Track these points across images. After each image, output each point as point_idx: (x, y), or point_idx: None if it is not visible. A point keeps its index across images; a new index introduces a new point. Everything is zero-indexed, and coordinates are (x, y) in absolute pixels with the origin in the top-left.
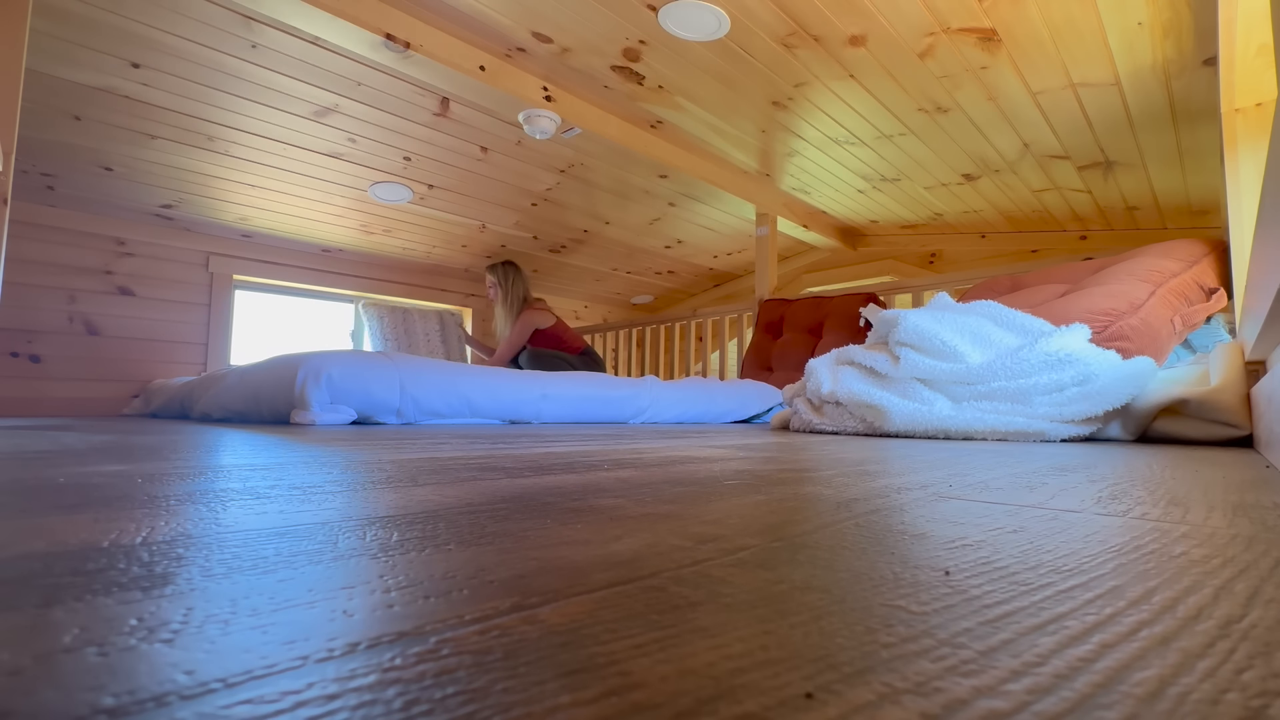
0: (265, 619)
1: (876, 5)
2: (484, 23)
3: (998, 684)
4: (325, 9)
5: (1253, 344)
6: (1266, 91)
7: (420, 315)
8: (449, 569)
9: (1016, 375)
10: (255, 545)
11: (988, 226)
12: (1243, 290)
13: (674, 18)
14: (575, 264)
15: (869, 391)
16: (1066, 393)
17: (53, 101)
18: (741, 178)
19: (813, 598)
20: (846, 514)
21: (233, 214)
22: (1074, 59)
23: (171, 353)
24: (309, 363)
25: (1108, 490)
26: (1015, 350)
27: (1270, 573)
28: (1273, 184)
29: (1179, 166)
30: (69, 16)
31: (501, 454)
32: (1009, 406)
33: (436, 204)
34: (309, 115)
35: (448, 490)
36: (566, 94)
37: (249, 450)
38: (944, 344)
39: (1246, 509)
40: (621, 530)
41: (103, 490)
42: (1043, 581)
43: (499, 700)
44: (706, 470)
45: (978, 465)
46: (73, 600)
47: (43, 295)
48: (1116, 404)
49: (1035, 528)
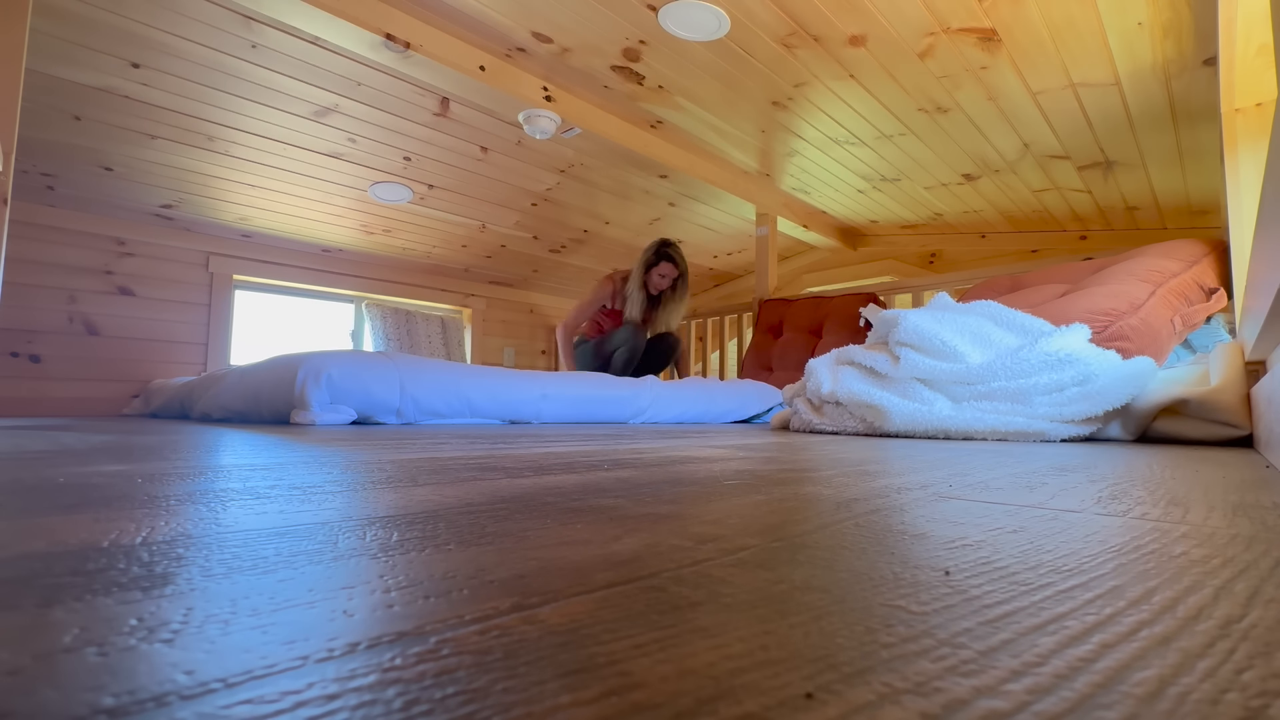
0: (265, 619)
1: (876, 5)
2: (484, 23)
3: (998, 684)
4: (325, 9)
5: (1253, 344)
6: (1266, 91)
7: (423, 318)
8: (449, 569)
9: (1017, 375)
10: (255, 545)
11: (988, 226)
12: (1243, 290)
13: (674, 18)
14: (575, 264)
15: (869, 391)
16: (1067, 393)
17: (53, 101)
18: (741, 178)
19: (813, 598)
20: (846, 514)
21: (233, 214)
22: (1074, 59)
23: (171, 353)
24: (309, 363)
25: (1108, 490)
26: (1015, 350)
27: (1270, 573)
28: (1273, 184)
29: (1179, 166)
30: (69, 16)
31: (501, 454)
32: (1009, 406)
33: (436, 204)
34: (309, 115)
35: (448, 490)
36: (566, 94)
37: (249, 450)
38: (944, 344)
39: (1246, 509)
40: (621, 530)
41: (103, 490)
42: (1043, 581)
43: (499, 700)
44: (706, 470)
45: (978, 465)
46: (73, 600)
47: (43, 295)
48: (1117, 404)
49: (1035, 528)
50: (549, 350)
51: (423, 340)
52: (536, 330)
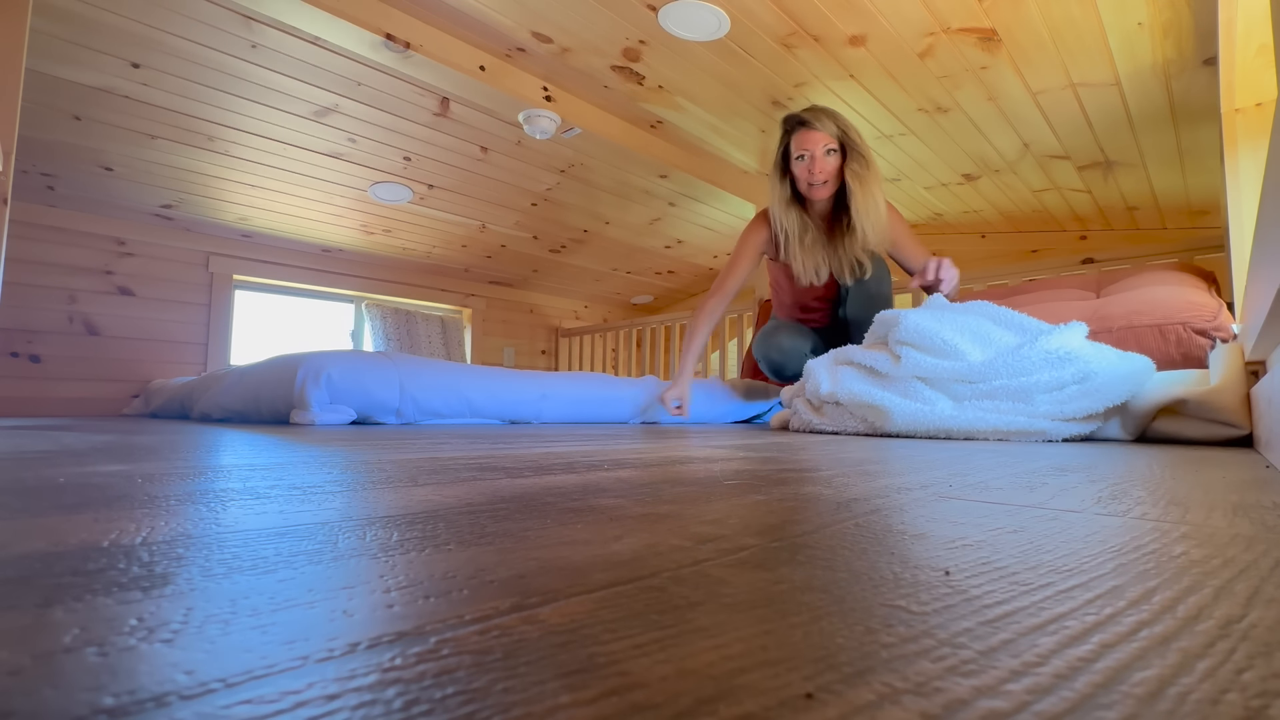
0: (265, 619)
1: (876, 5)
2: (484, 23)
3: (998, 684)
4: (325, 9)
5: (1253, 344)
6: (1266, 91)
7: (423, 318)
8: (449, 569)
9: (1018, 373)
10: (255, 545)
11: (988, 226)
12: (1243, 290)
13: (674, 18)
14: (575, 264)
15: (870, 392)
16: (1067, 390)
17: (53, 101)
18: (741, 178)
19: (813, 598)
20: (846, 514)
21: (233, 214)
22: (1074, 59)
23: (171, 353)
24: (309, 363)
25: (1108, 490)
26: (1016, 348)
27: (1270, 573)
28: (1273, 184)
29: (1179, 166)
30: (69, 16)
31: (501, 454)
32: (1011, 405)
33: (436, 204)
34: (309, 115)
35: (448, 490)
36: (566, 94)
37: (249, 450)
38: (945, 342)
39: (1246, 509)
40: (621, 530)
41: (103, 490)
42: (1043, 581)
43: (499, 700)
44: (706, 470)
45: (978, 465)
46: (73, 600)
47: (43, 295)
48: (1117, 400)
49: (1035, 528)
50: (549, 350)
51: (423, 340)
52: (536, 330)
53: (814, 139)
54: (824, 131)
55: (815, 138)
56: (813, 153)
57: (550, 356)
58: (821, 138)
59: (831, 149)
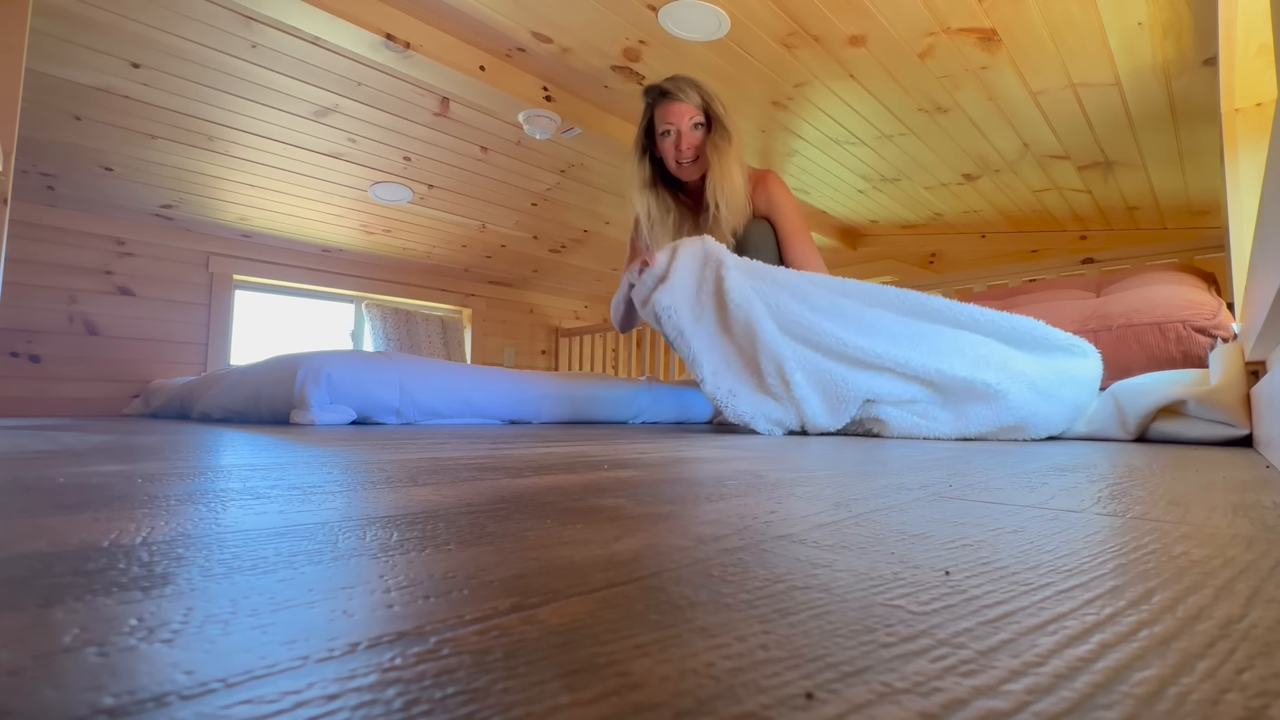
0: (265, 619)
1: (876, 5)
2: (484, 23)
3: (997, 684)
4: (325, 9)
5: (1253, 344)
6: (1266, 91)
7: (423, 318)
8: (449, 569)
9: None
10: (255, 545)
11: (988, 226)
12: (1243, 290)
13: (674, 18)
14: (575, 264)
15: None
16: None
17: (53, 101)
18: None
19: (812, 597)
20: (846, 513)
21: (233, 214)
22: (1074, 59)
23: (171, 353)
24: (309, 363)
25: (1108, 490)
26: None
27: (1270, 573)
28: (1273, 184)
29: (1179, 166)
30: (69, 16)
31: (501, 454)
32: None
33: (436, 204)
34: (309, 115)
35: (448, 490)
36: (566, 94)
37: (249, 450)
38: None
39: (1246, 509)
40: (621, 530)
41: (103, 490)
42: (1043, 581)
43: (499, 700)
44: (706, 470)
45: (978, 465)
46: (73, 600)
47: (43, 295)
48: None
49: (1035, 528)
50: (549, 350)
51: (423, 340)
52: (536, 330)
53: (679, 111)
54: (688, 103)
55: (680, 110)
56: (678, 127)
57: (550, 356)
58: (687, 110)
59: (698, 122)
